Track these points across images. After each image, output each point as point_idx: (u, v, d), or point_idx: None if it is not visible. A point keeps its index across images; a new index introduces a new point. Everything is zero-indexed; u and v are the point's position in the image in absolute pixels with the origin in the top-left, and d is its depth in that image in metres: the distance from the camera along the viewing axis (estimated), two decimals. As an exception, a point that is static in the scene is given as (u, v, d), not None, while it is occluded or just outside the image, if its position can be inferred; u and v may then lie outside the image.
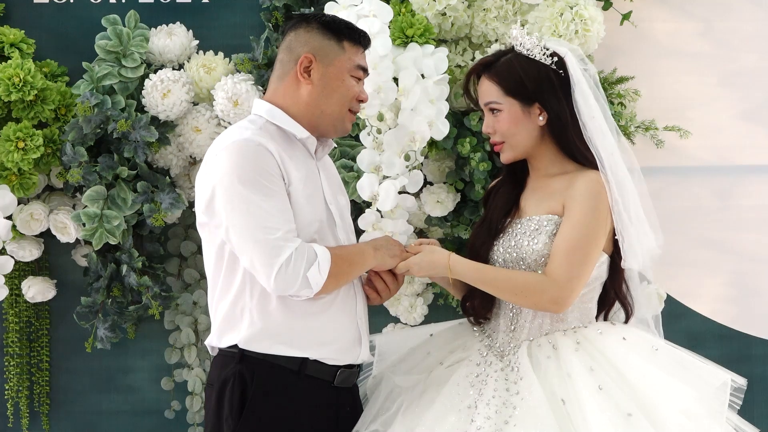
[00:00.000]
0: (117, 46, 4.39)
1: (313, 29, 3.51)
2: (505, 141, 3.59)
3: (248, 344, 3.45)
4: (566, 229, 3.47)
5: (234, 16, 4.56)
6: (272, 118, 3.50)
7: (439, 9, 4.32)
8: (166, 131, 4.42)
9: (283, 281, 3.34)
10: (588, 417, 3.27)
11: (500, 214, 3.63)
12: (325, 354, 3.46)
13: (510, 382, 3.42)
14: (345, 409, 3.54)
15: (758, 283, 4.74)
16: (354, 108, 3.56)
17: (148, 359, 4.57)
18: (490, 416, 3.33)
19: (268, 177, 3.39)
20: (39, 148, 4.28)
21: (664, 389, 3.34)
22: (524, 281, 3.48)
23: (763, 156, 4.73)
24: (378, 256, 3.50)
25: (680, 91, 4.69)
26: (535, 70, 3.57)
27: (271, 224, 3.35)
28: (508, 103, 3.57)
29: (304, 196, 3.44)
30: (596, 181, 3.51)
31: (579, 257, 3.46)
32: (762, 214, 4.74)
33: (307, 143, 3.51)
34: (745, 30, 4.72)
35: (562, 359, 3.42)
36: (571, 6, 4.30)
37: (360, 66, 3.55)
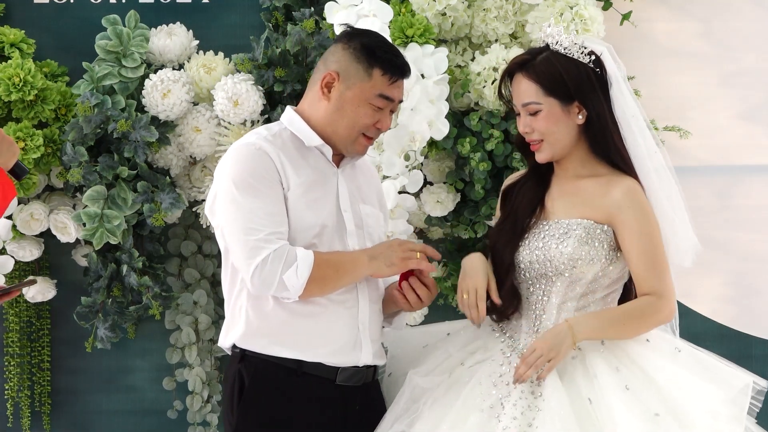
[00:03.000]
0: (117, 46, 4.39)
1: (349, 48, 3.50)
2: (544, 140, 3.55)
3: (246, 343, 3.49)
4: (637, 244, 3.47)
5: (234, 16, 4.56)
6: (290, 124, 3.54)
7: (439, 9, 4.32)
8: (166, 131, 4.42)
9: (260, 282, 3.39)
10: (616, 416, 3.27)
11: (525, 212, 3.60)
12: (320, 356, 3.48)
13: (534, 385, 3.42)
14: (354, 407, 3.53)
15: (758, 283, 4.75)
16: (369, 133, 3.53)
17: (149, 359, 4.58)
18: (516, 417, 3.34)
19: (261, 180, 3.44)
20: (39, 148, 4.28)
21: (691, 390, 3.35)
22: (639, 310, 3.48)
23: (763, 156, 4.74)
24: (373, 265, 3.47)
25: (680, 91, 4.70)
26: (574, 68, 3.53)
27: (255, 225, 3.40)
28: (548, 103, 3.52)
29: (305, 201, 3.46)
30: (637, 189, 3.52)
31: (663, 265, 3.50)
32: (762, 214, 4.75)
33: (323, 150, 3.52)
34: (745, 30, 4.74)
35: (588, 360, 3.43)
36: (571, 6, 4.30)
37: (383, 95, 3.49)
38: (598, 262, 3.49)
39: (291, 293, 3.42)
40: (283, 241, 3.40)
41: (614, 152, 3.55)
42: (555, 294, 3.53)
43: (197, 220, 4.53)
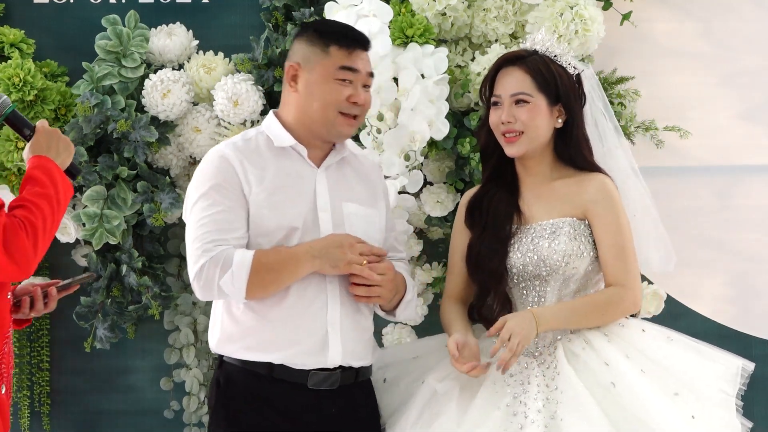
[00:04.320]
0: (117, 46, 4.39)
1: (303, 38, 3.58)
2: (525, 132, 3.63)
3: (220, 348, 3.58)
4: (607, 236, 3.59)
5: (234, 16, 4.56)
6: (266, 128, 3.61)
7: (439, 9, 4.32)
8: (166, 131, 4.42)
9: (200, 289, 3.47)
10: (642, 397, 3.38)
11: (504, 220, 3.67)
12: (288, 358, 3.50)
13: (548, 379, 3.49)
14: (329, 411, 3.54)
15: (758, 283, 4.74)
16: (345, 110, 3.55)
17: (148, 359, 4.58)
18: (540, 410, 3.41)
19: (217, 188, 3.50)
20: (39, 148, 4.29)
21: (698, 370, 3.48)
22: (604, 300, 3.59)
23: (762, 156, 4.74)
24: (317, 264, 3.47)
25: (680, 92, 4.70)
26: (564, 73, 3.67)
27: (200, 233, 3.48)
28: (538, 97, 3.64)
29: (269, 204, 3.50)
30: (609, 183, 3.64)
31: (631, 256, 3.61)
32: (762, 214, 4.75)
33: (297, 150, 3.56)
34: (745, 30, 4.73)
35: (598, 349, 3.52)
36: (571, 6, 4.30)
37: (344, 66, 3.54)
38: (587, 256, 3.60)
39: (232, 298, 3.48)
40: (221, 248, 3.44)
41: (582, 159, 3.68)
42: (550, 293, 3.61)
43: (197, 220, 4.52)
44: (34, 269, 3.16)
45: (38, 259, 3.14)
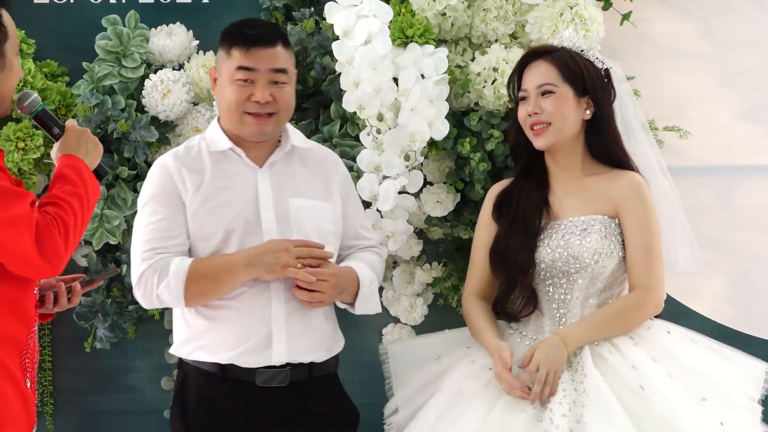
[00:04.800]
0: (117, 47, 4.39)
1: (219, 44, 3.65)
2: (552, 123, 3.65)
3: (178, 351, 3.67)
4: (636, 235, 3.61)
5: (234, 16, 4.43)
6: (208, 133, 3.70)
7: (439, 9, 4.32)
8: (166, 131, 4.42)
9: (141, 297, 3.58)
10: (671, 402, 3.39)
11: (533, 214, 3.68)
12: (235, 358, 3.56)
13: (576, 382, 3.49)
14: (280, 407, 3.57)
15: (758, 283, 4.75)
16: (249, 110, 3.60)
17: (148, 359, 4.57)
18: (565, 414, 3.41)
19: (155, 197, 3.61)
20: (39, 148, 4.28)
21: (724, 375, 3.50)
22: (627, 307, 3.60)
23: (763, 156, 4.74)
24: (252, 271, 3.51)
25: (680, 92, 4.69)
26: (591, 66, 3.72)
27: (141, 242, 3.58)
28: (564, 88, 3.67)
29: (207, 209, 3.57)
30: (642, 182, 3.66)
31: (657, 258, 3.63)
32: (762, 214, 4.75)
33: (236, 152, 3.62)
34: (746, 30, 4.73)
35: (625, 353, 3.52)
36: (571, 6, 4.30)
37: (241, 66, 3.59)
38: (616, 255, 3.61)
39: (171, 306, 3.57)
40: (160, 256, 3.51)
41: (618, 150, 3.68)
42: (577, 291, 3.63)
43: (197, 220, 4.52)
44: (64, 267, 3.16)
45: (68, 257, 3.15)
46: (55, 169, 3.25)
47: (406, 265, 4.49)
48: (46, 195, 3.18)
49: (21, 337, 3.17)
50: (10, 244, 3.05)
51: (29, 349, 3.20)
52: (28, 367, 3.20)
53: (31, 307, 3.21)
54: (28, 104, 3.33)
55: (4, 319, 3.12)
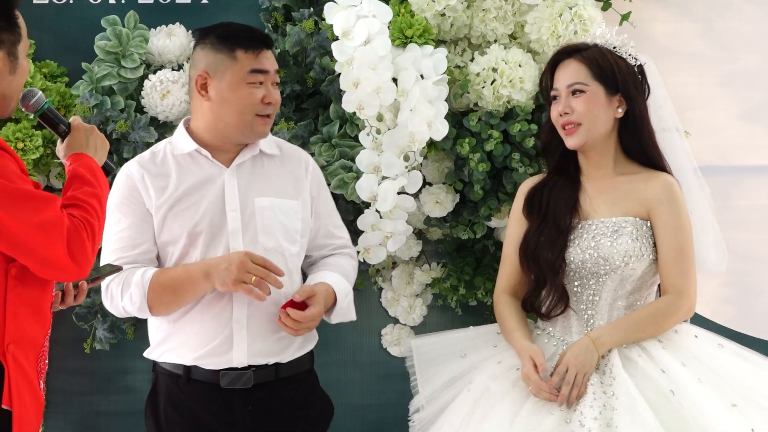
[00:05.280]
0: (116, 47, 4.40)
1: (207, 45, 3.60)
2: (582, 123, 3.62)
3: (150, 354, 3.69)
4: (668, 237, 3.57)
5: (233, 16, 4.54)
6: (175, 136, 3.68)
7: (438, 9, 4.32)
8: (165, 132, 4.41)
9: (109, 306, 3.65)
10: (702, 407, 3.35)
11: (564, 212, 3.65)
12: (196, 360, 3.57)
13: (605, 385, 3.47)
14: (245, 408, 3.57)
15: (758, 283, 4.76)
16: (261, 111, 3.61)
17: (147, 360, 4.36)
18: (596, 417, 3.38)
19: (119, 205, 3.60)
20: (38, 149, 4.29)
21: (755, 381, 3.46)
22: (660, 310, 3.56)
23: (762, 156, 4.75)
24: (210, 281, 3.50)
25: (679, 92, 4.60)
26: (623, 63, 3.66)
27: (106, 253, 3.59)
28: (594, 86, 3.62)
29: (174, 213, 3.57)
30: (675, 184, 3.63)
31: (690, 260, 3.59)
32: (761, 215, 4.76)
33: (202, 154, 3.61)
34: (745, 30, 4.75)
35: (654, 356, 3.50)
36: (570, 6, 4.30)
37: (255, 69, 3.58)
38: (647, 258, 3.57)
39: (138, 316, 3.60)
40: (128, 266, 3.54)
41: (653, 150, 3.65)
42: (606, 292, 3.60)
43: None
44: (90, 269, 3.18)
45: (94, 259, 3.15)
46: (68, 168, 3.24)
47: (405, 266, 4.49)
48: (66, 197, 3.17)
49: (39, 339, 3.18)
50: (42, 249, 3.04)
51: (44, 351, 3.21)
52: (42, 369, 3.21)
53: (48, 309, 3.22)
54: (33, 102, 3.31)
55: (26, 321, 3.13)
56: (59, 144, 3.32)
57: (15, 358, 3.09)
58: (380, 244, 4.18)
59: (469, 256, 4.46)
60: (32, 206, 3.03)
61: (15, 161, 3.08)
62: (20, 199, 3.01)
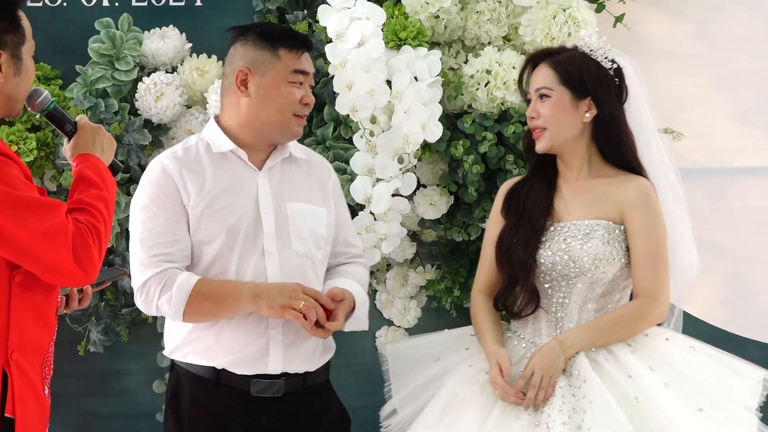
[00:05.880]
0: (110, 50, 4.40)
1: (248, 42, 3.60)
2: (547, 128, 3.64)
3: (172, 353, 3.63)
4: (642, 242, 3.58)
5: (227, 19, 4.50)
6: (207, 134, 3.64)
7: (432, 12, 4.32)
8: (160, 134, 4.44)
9: (141, 303, 3.55)
10: (667, 413, 3.37)
11: (539, 213, 3.66)
12: (230, 364, 3.53)
13: (574, 387, 3.48)
14: (273, 417, 3.56)
15: (752, 284, 4.77)
16: (299, 112, 3.61)
17: (141, 362, 4.59)
18: (565, 422, 3.39)
19: (156, 200, 3.55)
20: (32, 152, 4.29)
21: (721, 384, 3.46)
22: (631, 314, 3.57)
23: (756, 158, 4.76)
24: (255, 303, 3.48)
25: (674, 93, 4.70)
26: (594, 67, 3.66)
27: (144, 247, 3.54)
28: (560, 91, 3.63)
29: (210, 212, 3.54)
30: (651, 188, 3.63)
31: (663, 265, 3.60)
32: (756, 216, 4.77)
33: (237, 154, 3.59)
34: (739, 32, 4.75)
35: (621, 361, 3.50)
36: (564, 8, 4.31)
37: (297, 70, 3.59)
38: (618, 261, 3.58)
39: (169, 318, 3.56)
40: (168, 264, 3.49)
41: (629, 153, 3.65)
42: (576, 295, 3.61)
43: (190, 222, 4.53)
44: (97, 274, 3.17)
45: (101, 264, 3.14)
46: (75, 169, 3.22)
47: (399, 268, 4.50)
48: (73, 200, 3.15)
49: (44, 345, 3.16)
50: (47, 256, 3.02)
51: (49, 356, 3.19)
52: (47, 375, 3.20)
53: (53, 314, 3.20)
54: (39, 102, 3.28)
55: (31, 327, 3.11)
56: (65, 143, 3.29)
57: (19, 365, 3.08)
58: (374, 246, 4.18)
59: (464, 258, 4.46)
60: (36, 213, 3.01)
61: (19, 168, 3.07)
62: (24, 207, 3.00)
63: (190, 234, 3.55)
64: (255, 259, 3.53)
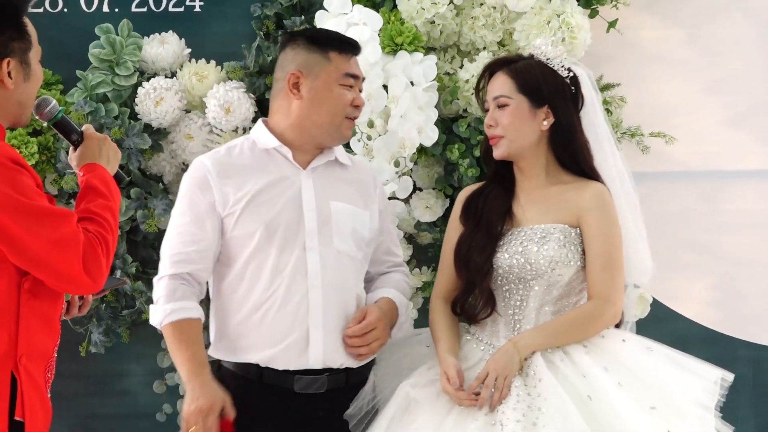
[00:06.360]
0: (110, 55, 4.42)
1: (299, 46, 3.62)
2: (504, 136, 3.64)
3: (214, 352, 3.65)
4: (597, 245, 3.58)
5: (226, 24, 4.57)
6: (254, 133, 3.67)
7: (427, 17, 4.34)
8: (159, 138, 4.45)
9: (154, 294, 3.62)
10: (619, 411, 3.36)
11: (496, 219, 3.66)
12: (270, 358, 3.55)
13: (530, 387, 3.47)
14: (316, 414, 3.57)
15: (743, 286, 4.77)
16: (350, 114, 3.62)
17: (142, 363, 4.58)
18: (519, 419, 3.39)
19: (189, 198, 3.61)
20: (34, 155, 4.31)
21: (675, 383, 3.45)
22: (584, 316, 3.57)
23: (747, 161, 4.76)
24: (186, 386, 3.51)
25: (665, 98, 4.71)
26: (551, 75, 3.66)
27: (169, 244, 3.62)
28: (518, 100, 3.63)
29: (252, 207, 3.56)
30: (606, 193, 3.63)
31: (618, 269, 3.60)
32: (746, 218, 4.76)
33: (282, 152, 3.61)
34: (730, 37, 4.76)
35: (576, 361, 3.50)
36: (558, 14, 4.33)
37: (348, 74, 3.61)
38: (574, 264, 3.58)
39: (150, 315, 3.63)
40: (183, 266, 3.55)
41: (584, 160, 3.66)
42: (533, 298, 3.60)
43: (190, 225, 4.54)
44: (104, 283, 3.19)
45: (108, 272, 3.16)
46: (81, 179, 3.24)
47: (396, 270, 4.51)
48: (80, 209, 3.17)
49: (48, 350, 3.18)
50: (58, 264, 3.05)
51: (52, 361, 3.22)
52: (49, 379, 3.22)
53: (58, 320, 3.22)
54: (47, 111, 3.30)
55: (38, 334, 3.13)
56: (71, 152, 3.31)
57: (27, 370, 3.10)
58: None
59: (459, 261, 4.47)
60: (49, 222, 3.03)
61: (31, 176, 3.09)
62: (37, 216, 3.02)
63: (229, 231, 3.58)
64: (296, 254, 3.55)
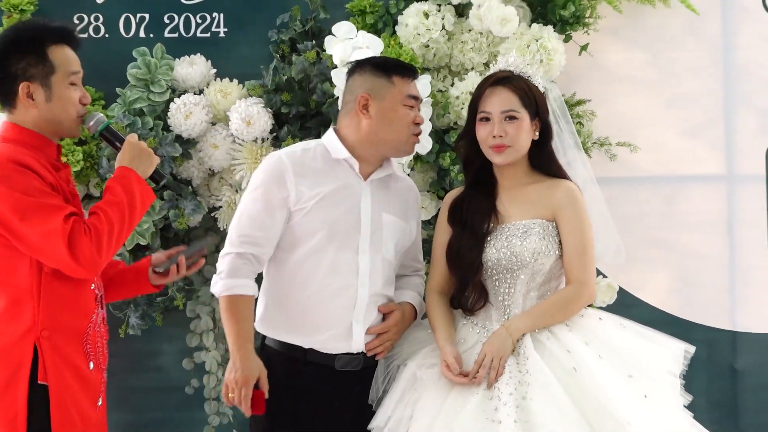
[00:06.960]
0: (146, 74, 4.62)
1: (366, 72, 3.79)
2: (512, 146, 3.76)
3: (262, 327, 3.78)
4: (571, 236, 3.74)
5: (246, 48, 4.75)
6: (326, 141, 3.82)
7: (423, 41, 4.55)
8: (189, 147, 4.65)
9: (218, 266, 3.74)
10: (599, 380, 3.53)
11: (482, 219, 3.78)
12: (318, 343, 3.72)
13: (520, 365, 3.63)
14: (352, 390, 3.74)
15: (698, 277, 4.94)
16: (414, 131, 3.77)
17: (173, 343, 4.79)
18: (511, 393, 3.57)
19: (264, 188, 3.70)
20: (79, 162, 4.52)
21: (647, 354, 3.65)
22: (565, 298, 3.72)
23: (701, 167, 4.93)
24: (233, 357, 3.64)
25: (631, 112, 4.88)
26: (537, 91, 3.81)
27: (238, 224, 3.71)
28: (523, 113, 3.76)
29: (319, 206, 3.70)
30: (576, 190, 3.79)
31: (590, 255, 3.76)
32: (702, 218, 4.94)
33: (350, 163, 3.76)
34: (686, 59, 4.92)
35: (561, 338, 3.67)
36: (537, 39, 4.55)
37: (410, 95, 3.78)
38: (553, 254, 3.76)
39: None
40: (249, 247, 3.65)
41: (554, 167, 3.86)
42: (520, 285, 3.78)
43: (215, 223, 4.74)
44: (100, 269, 3.34)
45: (106, 259, 3.32)
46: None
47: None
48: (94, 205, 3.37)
49: (80, 327, 3.36)
50: (49, 252, 3.26)
51: (89, 336, 3.37)
52: (91, 351, 3.39)
53: (88, 301, 3.38)
54: (94, 123, 3.46)
55: (63, 313, 3.32)
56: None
57: (50, 341, 3.28)
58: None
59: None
60: (39, 216, 3.24)
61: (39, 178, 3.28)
62: (32, 211, 3.24)
63: (293, 225, 3.69)
64: (350, 255, 3.71)
